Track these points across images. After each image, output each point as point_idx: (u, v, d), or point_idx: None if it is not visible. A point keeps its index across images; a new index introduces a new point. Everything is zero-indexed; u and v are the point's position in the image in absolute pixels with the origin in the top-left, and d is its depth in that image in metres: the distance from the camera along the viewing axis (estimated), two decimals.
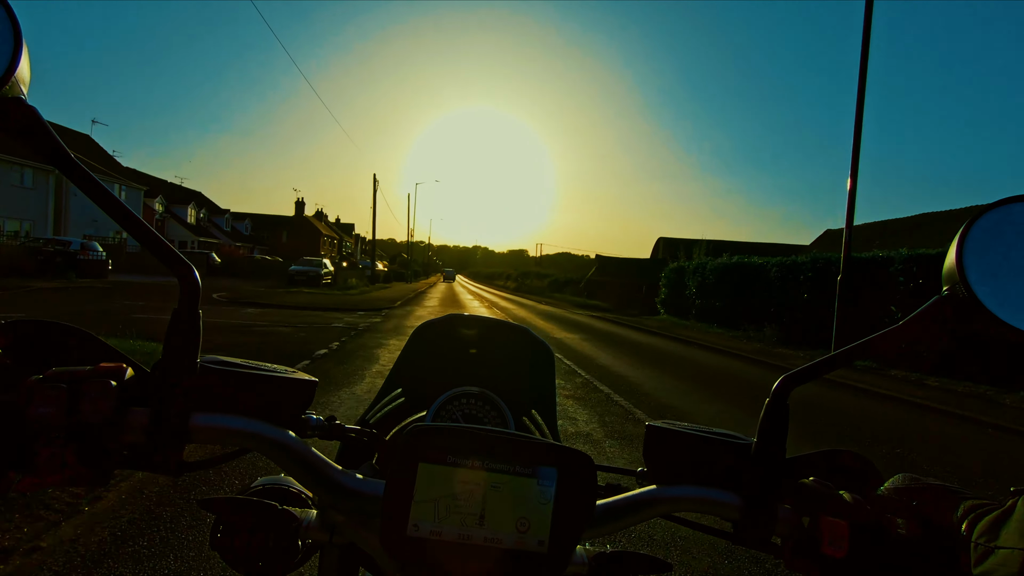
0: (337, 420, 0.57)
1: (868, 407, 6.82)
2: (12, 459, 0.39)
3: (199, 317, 0.46)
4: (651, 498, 0.51)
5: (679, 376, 8.28)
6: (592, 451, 4.07)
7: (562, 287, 46.62)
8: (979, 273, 0.44)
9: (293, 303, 16.58)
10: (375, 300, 20.61)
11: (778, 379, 0.51)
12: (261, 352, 7.57)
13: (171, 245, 0.47)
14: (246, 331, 9.73)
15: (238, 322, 11.19)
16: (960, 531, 0.44)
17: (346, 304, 17.75)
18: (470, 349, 0.78)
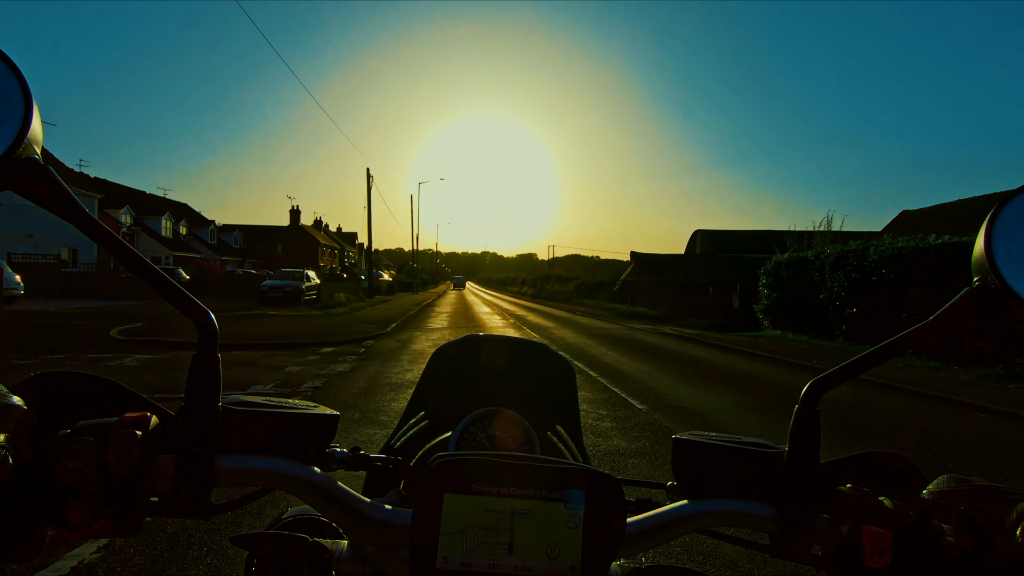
0: (362, 451, 0.57)
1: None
2: (45, 516, 0.40)
3: (218, 361, 0.47)
4: (683, 514, 0.50)
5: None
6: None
7: (592, 291, 39.37)
8: (1010, 261, 0.43)
9: (237, 335, 11.05)
10: (361, 323, 15.19)
11: (806, 384, 0.50)
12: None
13: (185, 291, 0.47)
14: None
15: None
16: (1015, 537, 0.41)
17: (318, 332, 12.29)
18: (490, 368, 0.78)
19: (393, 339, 12.33)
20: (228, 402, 0.50)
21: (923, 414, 6.41)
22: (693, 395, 6.97)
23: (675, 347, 12.90)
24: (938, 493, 0.46)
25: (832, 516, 0.47)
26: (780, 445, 0.53)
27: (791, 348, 12.37)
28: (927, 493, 0.47)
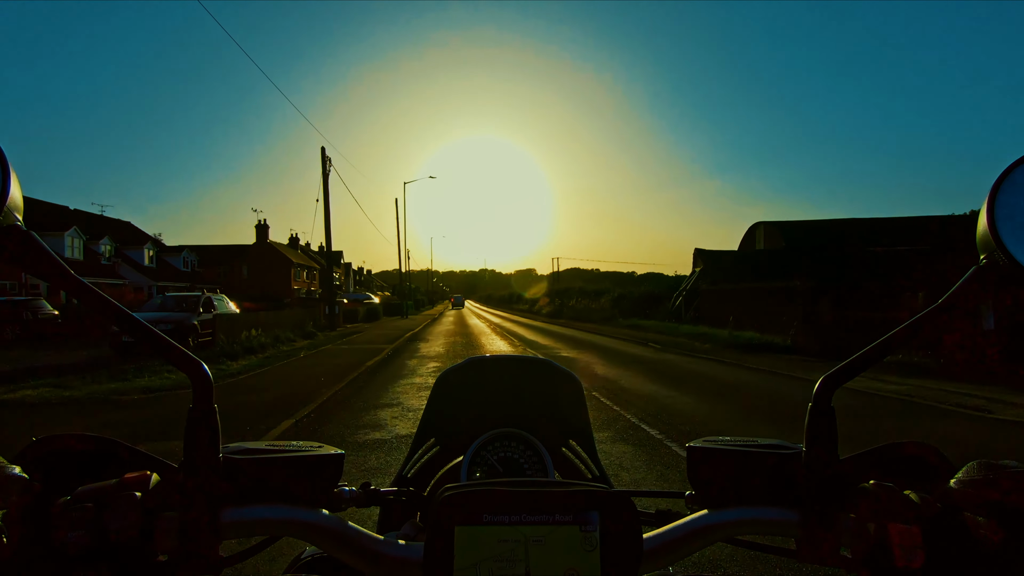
0: (372, 485, 0.56)
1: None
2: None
3: (215, 411, 0.46)
4: (704, 525, 0.49)
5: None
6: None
7: (642, 307, 27.67)
8: (1016, 236, 0.42)
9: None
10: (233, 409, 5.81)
11: (817, 381, 0.48)
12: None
13: (175, 343, 0.47)
14: None
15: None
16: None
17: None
18: (496, 389, 0.77)
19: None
20: (229, 451, 0.48)
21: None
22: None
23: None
24: (968, 482, 0.43)
25: (857, 515, 0.45)
26: (797, 445, 0.51)
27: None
28: (955, 483, 0.44)
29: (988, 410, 6.85)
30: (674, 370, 11.00)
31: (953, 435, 5.67)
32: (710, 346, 15.91)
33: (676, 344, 16.53)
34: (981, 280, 0.44)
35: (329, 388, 8.17)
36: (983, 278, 0.44)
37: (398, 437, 5.53)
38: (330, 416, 6.64)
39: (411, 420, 6.34)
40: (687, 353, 13.98)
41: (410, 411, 6.80)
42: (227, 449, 0.49)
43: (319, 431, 5.88)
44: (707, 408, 7.02)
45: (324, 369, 10.58)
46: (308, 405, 6.86)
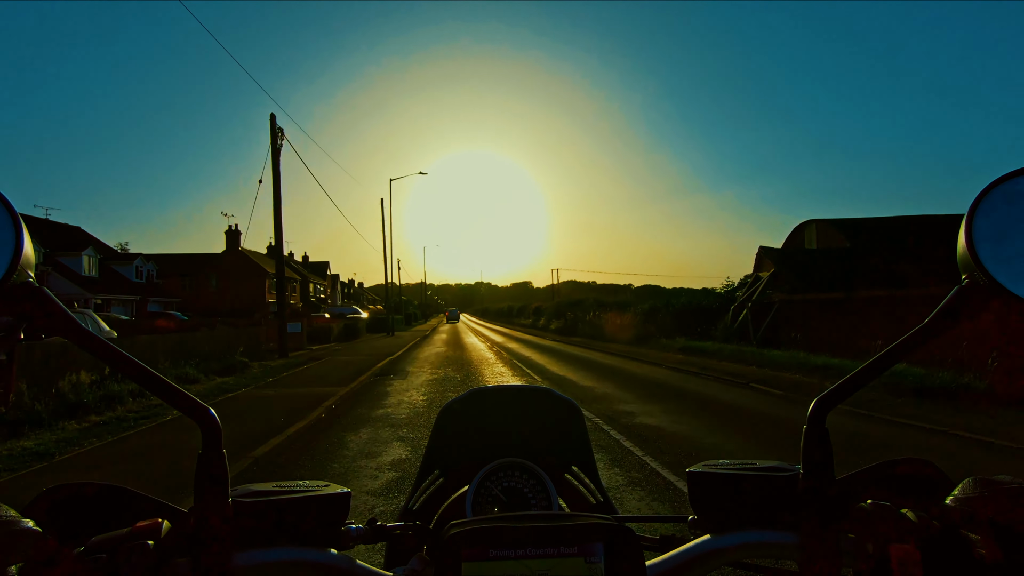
0: (378, 521, 0.58)
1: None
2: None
3: (224, 457, 0.47)
4: (707, 551, 0.50)
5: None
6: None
7: (692, 323, 20.70)
8: (994, 256, 0.43)
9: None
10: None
11: (811, 403, 0.49)
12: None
13: (183, 390, 0.48)
14: None
15: None
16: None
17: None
18: (497, 419, 0.79)
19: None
20: (238, 494, 0.50)
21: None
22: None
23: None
24: (964, 499, 0.44)
25: (856, 535, 0.46)
26: (796, 466, 0.51)
27: None
28: (952, 500, 0.45)
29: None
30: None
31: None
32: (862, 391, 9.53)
33: (792, 385, 9.99)
34: (963, 300, 0.45)
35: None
36: (965, 298, 0.45)
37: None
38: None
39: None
40: (854, 410, 7.54)
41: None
42: (235, 492, 0.50)
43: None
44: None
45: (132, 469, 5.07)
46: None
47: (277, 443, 6.09)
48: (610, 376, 12.50)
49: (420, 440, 6.29)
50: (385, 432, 6.74)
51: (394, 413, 8.03)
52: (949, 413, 7.43)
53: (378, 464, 5.35)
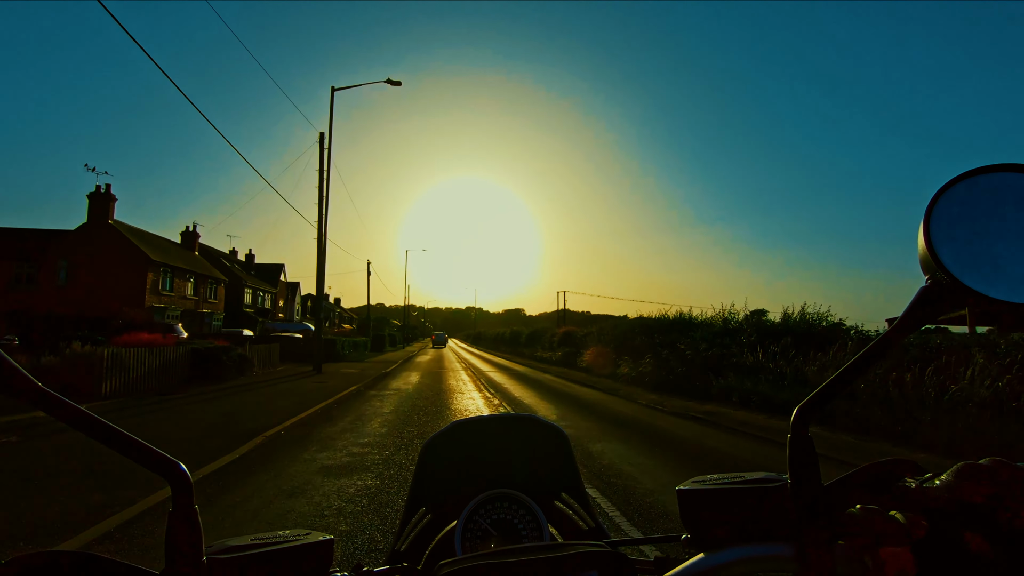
0: (364, 567, 0.56)
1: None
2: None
3: (196, 512, 0.45)
4: (703, 569, 0.49)
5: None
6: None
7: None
8: (953, 255, 0.44)
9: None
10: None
11: (793, 411, 0.50)
12: None
13: (148, 444, 0.45)
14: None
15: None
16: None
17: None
18: (482, 451, 0.77)
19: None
20: (213, 551, 0.47)
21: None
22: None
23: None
24: (953, 494, 0.43)
25: (848, 542, 0.46)
26: (784, 476, 0.51)
27: None
28: (938, 492, 0.44)
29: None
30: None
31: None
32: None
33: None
34: (928, 299, 0.46)
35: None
36: (930, 297, 0.46)
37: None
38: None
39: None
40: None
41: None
42: (210, 550, 0.47)
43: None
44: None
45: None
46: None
47: None
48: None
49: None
50: None
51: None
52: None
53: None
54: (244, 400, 11.07)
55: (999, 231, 0.45)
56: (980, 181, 0.47)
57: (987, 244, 0.44)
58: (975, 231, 0.45)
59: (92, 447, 5.95)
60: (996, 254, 0.44)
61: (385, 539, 3.85)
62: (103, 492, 4.64)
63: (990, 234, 0.45)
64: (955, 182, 0.47)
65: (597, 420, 9.77)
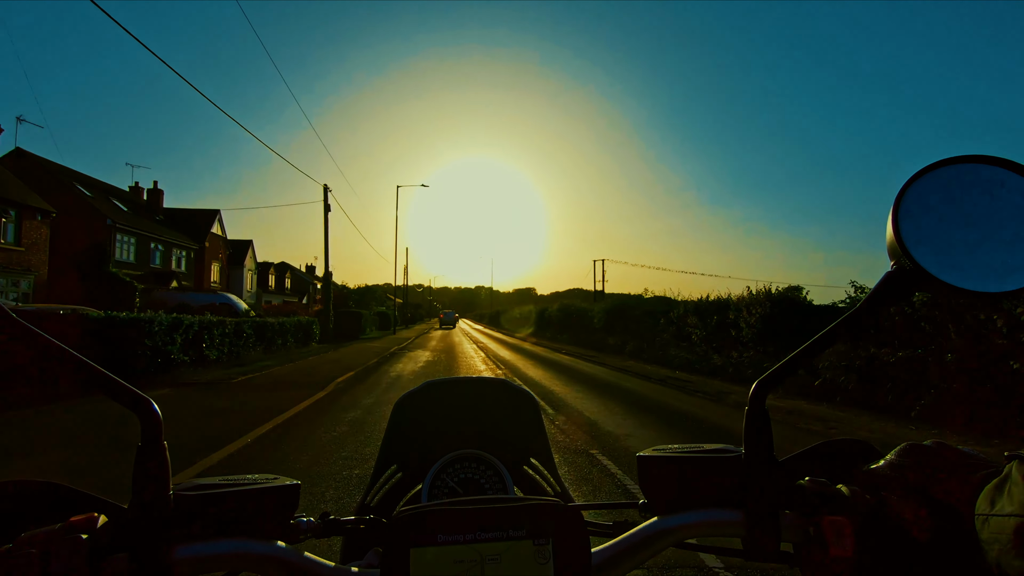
0: (332, 515, 0.55)
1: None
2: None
3: (165, 449, 0.45)
4: (655, 532, 0.51)
5: None
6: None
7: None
8: (918, 242, 0.46)
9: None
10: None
11: (752, 385, 0.51)
12: None
13: (121, 381, 0.46)
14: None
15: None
16: (972, 504, 0.42)
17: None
18: (453, 411, 0.78)
19: None
20: (180, 488, 0.47)
21: None
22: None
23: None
24: (889, 466, 0.46)
25: (794, 511, 0.48)
26: (739, 448, 0.53)
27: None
28: (882, 470, 0.47)
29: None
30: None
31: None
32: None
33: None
34: (891, 284, 0.47)
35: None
36: (893, 282, 0.47)
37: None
38: None
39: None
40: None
41: None
42: (178, 487, 0.47)
43: None
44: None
45: None
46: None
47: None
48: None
49: None
50: None
51: None
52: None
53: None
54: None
55: (965, 221, 0.46)
56: (950, 171, 0.48)
57: (953, 233, 0.46)
58: (942, 220, 0.46)
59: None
60: (961, 243, 0.46)
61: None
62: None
63: (956, 224, 0.46)
64: (925, 172, 0.48)
65: None
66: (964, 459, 0.45)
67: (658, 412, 8.03)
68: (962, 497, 0.42)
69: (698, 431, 6.78)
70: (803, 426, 7.24)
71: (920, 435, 6.51)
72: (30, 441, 5.62)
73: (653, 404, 8.77)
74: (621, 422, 7.07)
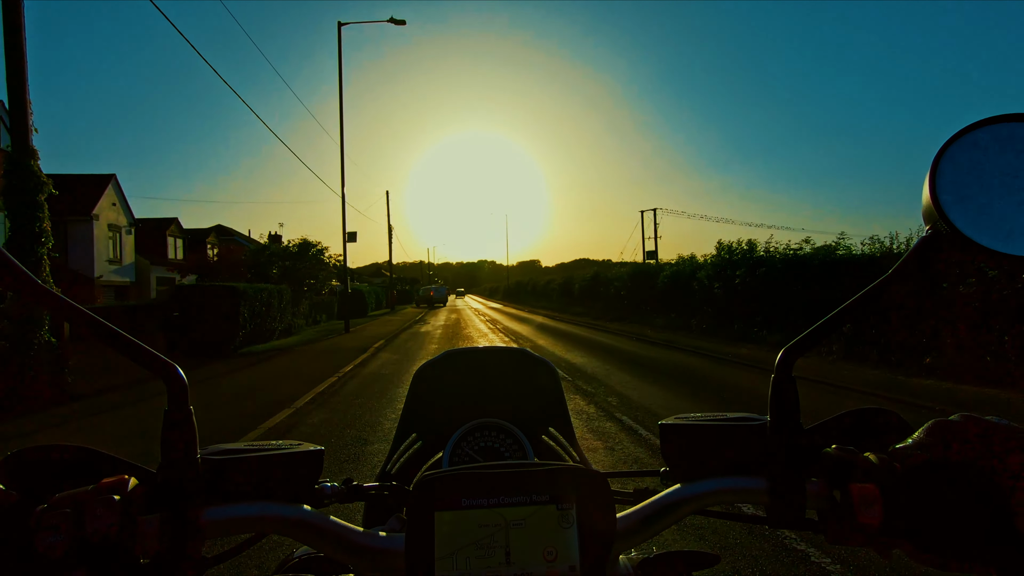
0: (355, 481, 0.56)
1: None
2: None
3: (191, 413, 0.46)
4: (678, 498, 0.50)
5: None
6: None
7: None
8: (956, 206, 0.44)
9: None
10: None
11: (779, 352, 0.50)
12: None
13: (147, 347, 0.46)
14: None
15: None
16: (1010, 476, 0.41)
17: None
18: (473, 380, 0.78)
19: None
20: (207, 452, 0.49)
21: None
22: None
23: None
24: (926, 442, 0.45)
25: (820, 479, 0.47)
26: (764, 416, 0.52)
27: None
28: (914, 441, 0.45)
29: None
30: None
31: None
32: None
33: None
34: (927, 248, 0.46)
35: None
36: (929, 247, 0.46)
37: None
38: None
39: None
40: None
41: None
42: (205, 451, 0.49)
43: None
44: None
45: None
46: None
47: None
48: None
49: None
50: None
51: None
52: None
53: None
54: None
55: (1003, 183, 0.45)
56: (987, 132, 0.46)
57: (991, 196, 0.44)
58: (980, 182, 0.45)
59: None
60: (999, 206, 0.44)
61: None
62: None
63: (995, 187, 0.45)
64: (963, 133, 0.46)
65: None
66: (997, 433, 0.42)
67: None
68: (1000, 477, 0.41)
69: None
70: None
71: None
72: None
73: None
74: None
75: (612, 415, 6.02)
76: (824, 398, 6.60)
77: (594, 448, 4.80)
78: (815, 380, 7.57)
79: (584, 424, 5.64)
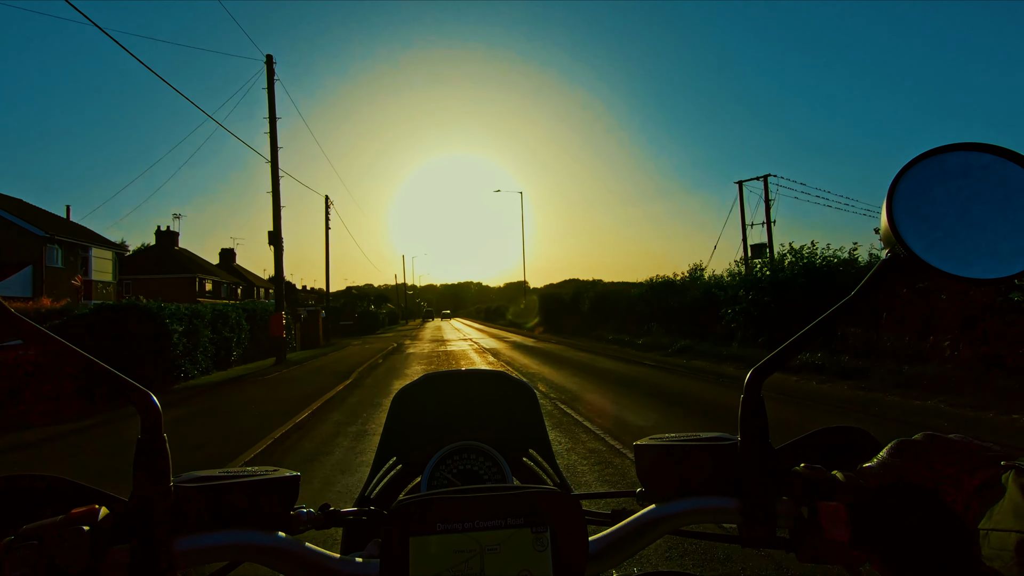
0: (332, 507, 0.55)
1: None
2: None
3: (164, 441, 0.45)
4: (652, 519, 0.51)
5: None
6: None
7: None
8: (913, 230, 0.45)
9: None
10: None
11: (747, 373, 0.51)
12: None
13: (122, 375, 0.46)
14: None
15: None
16: (966, 505, 0.42)
17: None
18: (453, 403, 0.78)
19: None
20: (180, 480, 0.48)
21: None
22: None
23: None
24: (890, 463, 0.46)
25: (790, 497, 0.48)
26: (735, 436, 0.53)
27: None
28: (879, 458, 0.47)
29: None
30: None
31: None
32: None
33: None
34: (886, 272, 0.48)
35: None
36: (889, 269, 0.48)
37: None
38: None
39: None
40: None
41: None
42: (178, 479, 0.48)
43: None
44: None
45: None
46: None
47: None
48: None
49: None
50: None
51: None
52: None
53: None
54: None
55: (960, 208, 0.46)
56: (943, 160, 0.47)
57: (947, 221, 0.46)
58: (936, 208, 0.46)
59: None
60: (955, 231, 0.45)
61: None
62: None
63: (951, 211, 0.46)
64: (918, 160, 0.47)
65: None
66: (956, 452, 0.44)
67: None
68: (957, 499, 0.42)
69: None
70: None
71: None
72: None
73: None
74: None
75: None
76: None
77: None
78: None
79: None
